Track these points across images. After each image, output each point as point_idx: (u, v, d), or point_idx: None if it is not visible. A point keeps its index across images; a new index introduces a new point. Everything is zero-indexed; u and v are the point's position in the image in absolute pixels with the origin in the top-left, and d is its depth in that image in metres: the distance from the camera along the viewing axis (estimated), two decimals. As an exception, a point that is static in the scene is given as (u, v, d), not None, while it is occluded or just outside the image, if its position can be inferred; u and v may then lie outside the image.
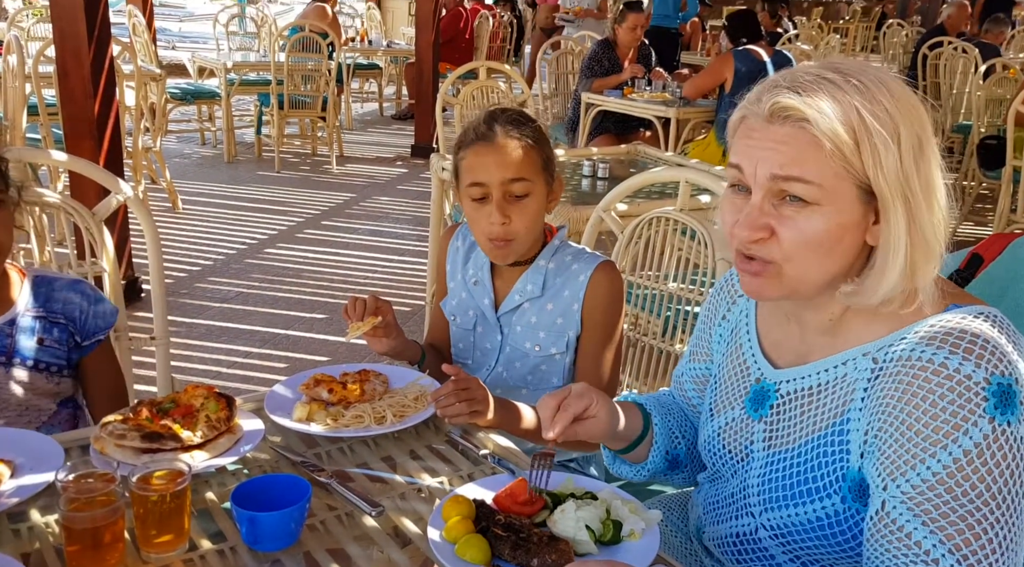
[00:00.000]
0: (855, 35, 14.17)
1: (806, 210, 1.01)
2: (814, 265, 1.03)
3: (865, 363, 1.07)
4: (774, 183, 1.01)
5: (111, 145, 3.85)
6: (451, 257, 1.83)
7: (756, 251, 1.04)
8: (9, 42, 4.61)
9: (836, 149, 0.98)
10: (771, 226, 1.02)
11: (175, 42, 13.46)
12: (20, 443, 1.30)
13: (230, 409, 1.37)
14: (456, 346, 1.82)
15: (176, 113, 7.30)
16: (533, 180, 1.61)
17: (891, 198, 0.99)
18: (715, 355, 1.33)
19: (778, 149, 1.00)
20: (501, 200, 1.59)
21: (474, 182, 1.61)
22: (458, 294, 1.80)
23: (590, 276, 1.67)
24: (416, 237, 5.20)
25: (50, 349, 1.61)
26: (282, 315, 4.05)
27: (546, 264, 1.70)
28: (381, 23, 10.74)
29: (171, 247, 4.82)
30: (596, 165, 3.41)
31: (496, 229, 1.60)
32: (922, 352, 0.99)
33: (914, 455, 0.97)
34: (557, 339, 1.69)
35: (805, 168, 0.99)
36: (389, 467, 1.36)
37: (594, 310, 1.68)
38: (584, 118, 5.50)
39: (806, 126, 0.98)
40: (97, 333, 1.66)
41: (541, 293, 1.69)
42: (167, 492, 1.09)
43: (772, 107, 1.01)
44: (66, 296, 1.63)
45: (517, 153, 1.60)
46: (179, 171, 6.40)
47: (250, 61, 7.18)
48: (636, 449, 1.33)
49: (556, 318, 1.69)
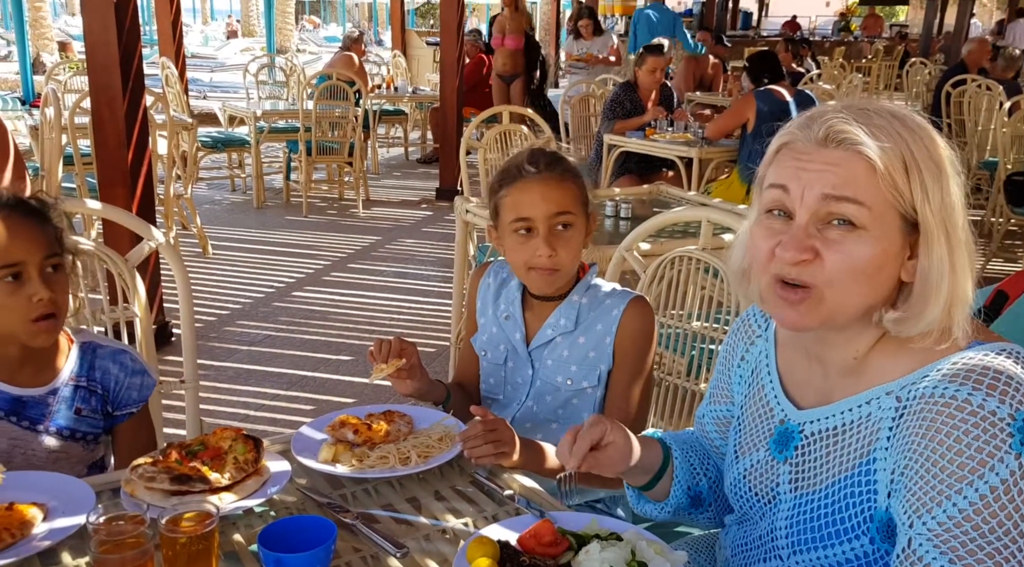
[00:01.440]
0: (878, 74, 14.20)
1: (853, 234, 1.02)
2: (854, 292, 1.03)
3: (889, 402, 1.06)
4: (824, 204, 1.02)
5: (144, 192, 3.94)
6: (482, 294, 1.87)
7: (798, 274, 1.04)
8: (47, 95, 4.77)
9: (888, 174, 1.00)
10: (816, 248, 1.03)
11: (206, 92, 13.81)
12: (53, 487, 1.33)
13: (257, 451, 1.38)
14: (487, 382, 1.84)
15: (207, 161, 7.47)
16: (576, 213, 1.67)
17: (936, 229, 1.01)
18: (736, 397, 1.32)
19: (831, 170, 1.02)
20: (548, 234, 1.64)
21: (520, 217, 1.66)
22: (488, 329, 1.83)
23: (623, 310, 1.70)
24: (441, 279, 5.24)
25: (87, 419, 1.61)
26: (309, 357, 4.09)
27: (579, 299, 1.73)
28: (407, 70, 10.95)
29: (201, 291, 4.90)
30: (619, 205, 3.43)
31: (544, 261, 1.64)
32: (945, 389, 0.99)
33: (940, 492, 0.96)
34: (589, 373, 1.71)
35: (858, 190, 1.01)
36: (414, 508, 1.37)
37: (626, 344, 1.70)
38: (607, 159, 5.55)
39: (861, 149, 1.00)
40: (129, 405, 1.66)
41: (574, 327, 1.72)
42: (195, 534, 1.11)
43: (827, 130, 1.03)
44: (107, 366, 1.63)
45: (561, 188, 1.66)
46: (209, 217, 6.52)
47: (279, 109, 7.35)
48: (658, 484, 1.33)
49: (588, 351, 1.71)
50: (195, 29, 28.87)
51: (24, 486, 1.30)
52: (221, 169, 7.90)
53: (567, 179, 1.67)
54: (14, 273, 1.46)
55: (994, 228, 5.70)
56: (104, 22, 3.66)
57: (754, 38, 16.44)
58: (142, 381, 1.66)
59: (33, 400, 1.57)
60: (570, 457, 1.18)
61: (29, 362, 1.56)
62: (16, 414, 1.55)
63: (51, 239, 1.53)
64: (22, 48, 9.73)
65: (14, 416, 1.55)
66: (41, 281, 1.48)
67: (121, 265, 1.97)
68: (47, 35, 15.56)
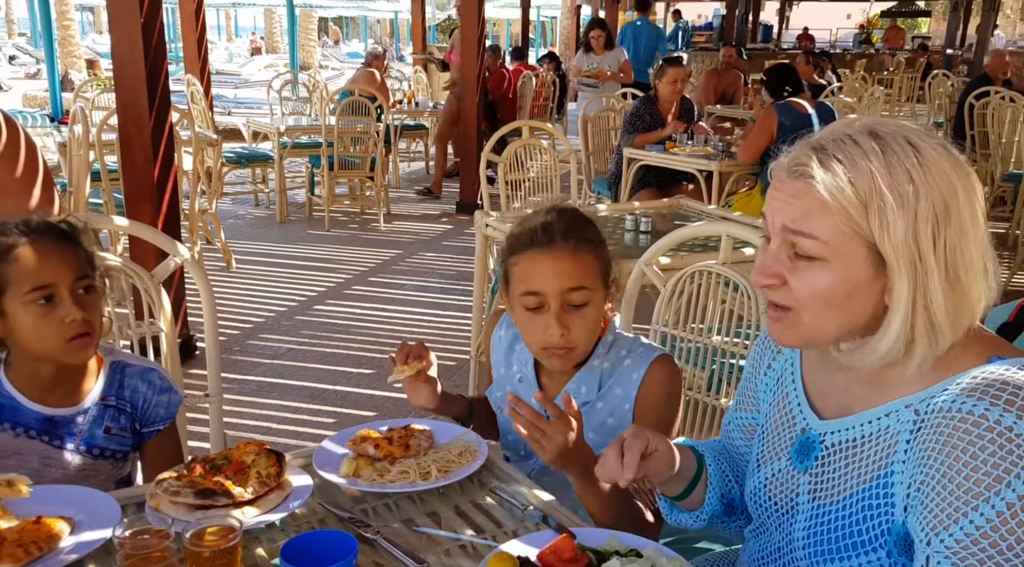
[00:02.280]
0: (900, 86, 14.11)
1: (815, 264, 1.04)
2: (825, 318, 1.06)
3: (907, 415, 1.06)
4: (786, 234, 1.05)
5: (169, 208, 4.00)
6: (495, 346, 1.78)
7: (772, 297, 1.08)
8: (75, 113, 4.86)
9: (842, 209, 1.00)
10: (783, 274, 1.06)
11: (230, 108, 13.99)
12: (79, 501, 1.35)
13: (280, 465, 1.40)
14: (506, 438, 1.77)
15: (231, 176, 7.55)
16: (592, 289, 1.53)
17: (896, 263, 1.00)
18: (761, 405, 1.33)
19: (790, 202, 1.05)
20: (559, 310, 1.51)
21: (529, 291, 1.52)
22: (503, 386, 1.73)
23: (644, 373, 1.59)
24: (461, 292, 5.25)
25: (116, 437, 1.64)
26: (331, 370, 4.11)
27: (601, 364, 1.62)
28: (427, 85, 11.05)
29: (225, 305, 4.95)
30: (639, 219, 3.43)
31: (555, 341, 1.52)
32: (962, 404, 0.98)
33: (956, 508, 0.95)
34: (608, 440, 1.61)
35: (812, 224, 1.02)
36: (434, 523, 1.37)
37: (647, 409, 1.59)
38: (626, 173, 5.55)
39: (813, 184, 1.02)
40: (156, 423, 1.68)
41: (596, 396, 1.62)
42: (219, 548, 1.12)
43: (791, 161, 1.05)
44: (135, 385, 1.66)
45: (576, 261, 1.52)
46: (233, 231, 6.59)
47: (302, 125, 7.43)
48: (692, 493, 1.33)
49: (606, 418, 1.62)
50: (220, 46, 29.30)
51: (51, 500, 1.32)
52: (245, 184, 7.99)
53: (583, 250, 1.52)
54: (47, 295, 1.50)
55: (1019, 241, 5.63)
56: (131, 40, 3.73)
57: (775, 51, 16.39)
58: (169, 398, 1.69)
59: (64, 420, 1.59)
60: (624, 471, 1.17)
61: (61, 383, 1.59)
62: (48, 433, 1.58)
63: (82, 261, 1.56)
64: (51, 66, 9.91)
65: (46, 435, 1.58)
66: (73, 302, 1.51)
67: (147, 280, 2.00)
68: (75, 53, 15.86)
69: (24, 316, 1.49)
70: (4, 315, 1.50)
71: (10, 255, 1.49)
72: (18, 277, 1.49)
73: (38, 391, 1.58)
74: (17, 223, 1.53)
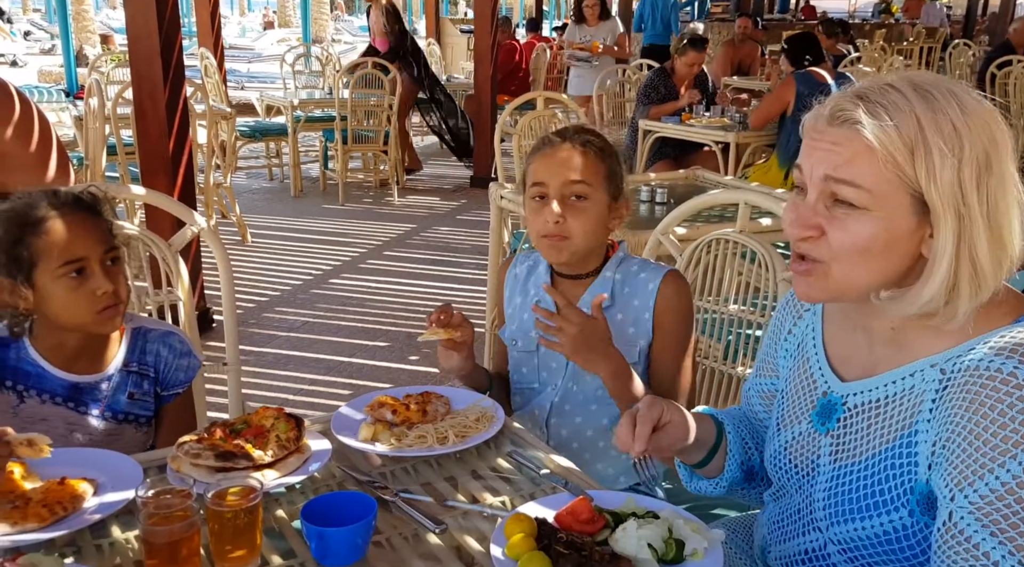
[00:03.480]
0: (920, 56, 13.88)
1: (855, 213, 1.02)
2: (860, 269, 1.04)
3: (933, 374, 1.05)
4: (827, 185, 1.03)
5: (184, 181, 4.01)
6: (509, 285, 1.86)
7: (806, 249, 1.06)
8: (90, 86, 4.87)
9: (888, 155, 0.99)
10: (821, 226, 1.04)
11: (244, 82, 13.96)
12: (102, 463, 1.37)
13: (299, 429, 1.41)
14: (519, 372, 1.82)
15: (245, 150, 7.56)
16: (593, 186, 1.64)
17: (942, 211, 0.99)
18: (781, 370, 1.33)
19: (833, 150, 1.02)
20: (559, 200, 1.63)
21: (535, 182, 1.66)
22: (518, 318, 1.81)
23: (659, 284, 1.69)
24: (475, 266, 5.25)
25: (140, 402, 1.66)
26: (346, 343, 4.14)
27: (612, 275, 1.72)
28: (441, 58, 10.97)
29: (240, 279, 4.97)
30: (654, 190, 3.41)
31: (551, 227, 1.63)
32: (991, 362, 0.98)
33: (982, 465, 0.95)
34: (629, 349, 1.68)
35: (856, 172, 1.01)
36: (451, 487, 1.38)
37: (666, 317, 1.69)
38: (642, 145, 5.52)
39: (861, 130, 1.00)
40: (176, 386, 1.70)
41: (611, 303, 1.70)
42: (240, 508, 1.13)
43: (832, 109, 1.03)
44: (156, 349, 1.67)
45: (580, 158, 1.64)
46: (248, 206, 6.61)
47: (315, 98, 7.41)
48: (712, 460, 1.33)
49: (627, 328, 1.70)
50: (232, 20, 29.16)
51: (74, 462, 1.34)
52: (259, 158, 8.00)
53: (590, 151, 1.65)
54: (78, 269, 1.51)
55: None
56: (146, 14, 3.73)
57: (792, 21, 16.15)
58: (189, 362, 1.71)
59: (89, 386, 1.61)
60: (633, 442, 1.17)
61: (85, 351, 1.61)
62: (73, 400, 1.60)
63: (107, 232, 1.57)
64: (66, 41, 9.92)
65: (71, 402, 1.60)
66: (104, 274, 1.52)
67: (165, 249, 2.01)
68: (89, 28, 15.87)
69: (56, 290, 1.50)
70: (35, 288, 1.51)
71: (40, 228, 1.49)
72: (49, 251, 1.49)
73: (63, 359, 1.60)
74: (45, 196, 1.53)
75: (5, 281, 1.51)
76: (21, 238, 1.49)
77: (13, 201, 1.53)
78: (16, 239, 1.49)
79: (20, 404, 1.57)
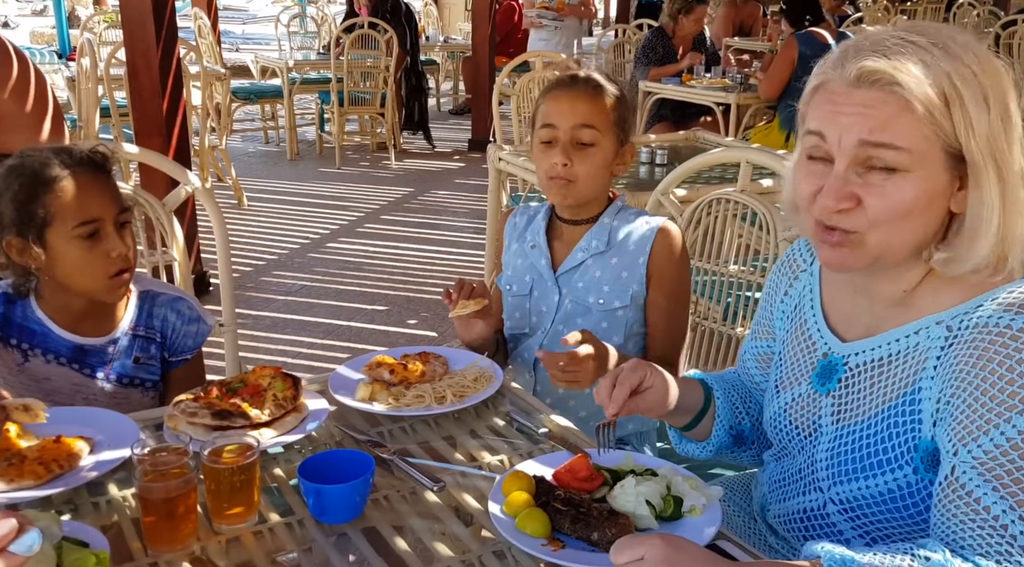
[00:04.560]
0: (924, 16, 13.70)
1: (894, 177, 0.98)
2: (900, 234, 1.01)
3: (939, 331, 1.04)
4: (861, 150, 0.99)
5: (179, 143, 3.97)
6: (508, 234, 1.88)
7: (839, 221, 1.02)
8: (82, 45, 4.80)
9: (927, 112, 0.96)
10: (856, 195, 1.00)
11: (238, 44, 13.77)
12: (98, 422, 1.36)
13: (296, 389, 1.40)
14: (512, 317, 1.84)
15: (240, 113, 7.48)
16: (601, 131, 1.65)
17: (983, 161, 0.97)
18: (778, 332, 1.31)
19: (867, 113, 0.98)
20: (567, 144, 1.64)
21: (545, 124, 1.66)
22: (513, 263, 1.83)
23: (656, 231, 1.70)
24: (473, 230, 5.23)
25: (145, 366, 1.65)
26: (344, 307, 4.13)
27: (611, 221, 1.73)
28: (438, 19, 10.81)
29: (237, 242, 4.94)
30: (654, 152, 3.38)
31: (558, 169, 1.64)
32: (1000, 318, 0.97)
33: (988, 420, 0.94)
34: (621, 293, 1.70)
35: (896, 133, 0.97)
36: (450, 446, 1.38)
37: (661, 264, 1.70)
38: (642, 106, 5.46)
39: (897, 90, 0.96)
40: (184, 352, 1.69)
41: (606, 248, 1.71)
42: (237, 465, 1.13)
43: (859, 71, 0.98)
44: (164, 314, 1.66)
45: (591, 102, 1.65)
46: (244, 169, 6.55)
47: (311, 60, 7.30)
48: (700, 424, 1.33)
49: (621, 272, 1.71)
50: (226, -19, 28.68)
51: (70, 420, 1.33)
52: (254, 121, 7.92)
53: (600, 95, 1.65)
54: (92, 231, 1.48)
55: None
56: (137, -30, 3.66)
57: (794, -18, 15.90)
58: (198, 328, 1.69)
59: (94, 349, 1.60)
60: (611, 403, 1.17)
61: (92, 314, 1.59)
62: (78, 362, 1.59)
63: (118, 193, 1.54)
64: (57, 2, 9.77)
65: (76, 363, 1.59)
66: (117, 236, 1.50)
67: (159, 209, 1.99)
68: (81, -11, 15.60)
69: (70, 250, 1.47)
70: (47, 248, 1.47)
71: (54, 187, 1.46)
72: (63, 211, 1.46)
73: (69, 320, 1.58)
74: (56, 154, 1.50)
75: (16, 240, 1.48)
76: (35, 196, 1.45)
77: (23, 158, 1.49)
78: (29, 197, 1.45)
79: (24, 362, 1.56)
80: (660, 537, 0.92)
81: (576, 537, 1.08)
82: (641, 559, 0.89)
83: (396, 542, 1.12)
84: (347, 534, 1.14)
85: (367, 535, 1.14)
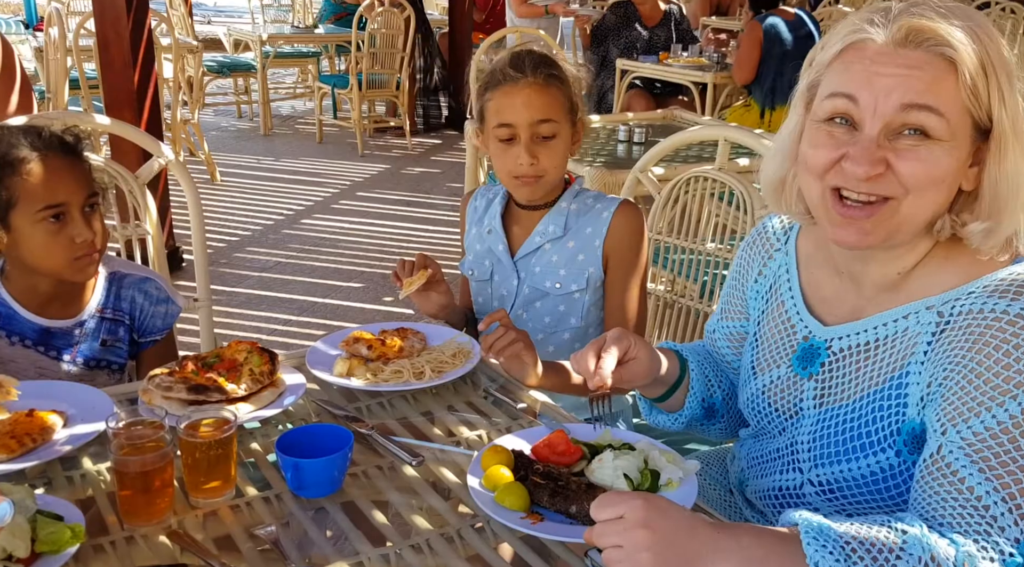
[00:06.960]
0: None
1: (926, 144, 0.95)
2: (928, 204, 0.98)
3: (929, 317, 1.03)
4: (901, 114, 0.95)
5: (151, 116, 3.90)
6: (469, 218, 1.86)
7: (870, 188, 0.97)
8: (50, 14, 4.69)
9: (971, 79, 0.93)
10: (887, 160, 0.96)
11: (211, 16, 13.52)
12: (71, 396, 1.35)
13: (273, 363, 1.39)
14: (476, 302, 1.85)
15: (212, 86, 7.36)
16: (560, 121, 1.64)
17: (1012, 135, 0.96)
18: (752, 313, 1.30)
19: (911, 75, 0.94)
20: (529, 141, 1.62)
21: (502, 123, 1.63)
22: (473, 247, 1.82)
23: (612, 213, 1.69)
24: (450, 207, 5.21)
25: (113, 348, 1.63)
26: (319, 284, 4.10)
27: (568, 206, 1.72)
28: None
29: (210, 218, 4.88)
30: (632, 130, 3.37)
31: (525, 169, 1.62)
32: (995, 304, 0.96)
33: (980, 403, 0.94)
34: (578, 276, 1.70)
35: (937, 97, 0.94)
36: (428, 421, 1.38)
37: (617, 247, 1.70)
38: (619, 85, 5.44)
39: (947, 51, 0.93)
40: (153, 333, 1.67)
41: (563, 233, 1.71)
42: (215, 438, 1.12)
43: (907, 29, 0.94)
44: (132, 295, 1.64)
45: (545, 94, 1.62)
46: (217, 144, 6.46)
47: (284, 33, 7.18)
48: (673, 396, 1.33)
49: (577, 255, 1.71)
50: (197, -47, 28.11)
51: (43, 394, 1.32)
52: (227, 95, 7.80)
53: (552, 84, 1.63)
54: (56, 214, 1.46)
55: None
56: (105, -62, 3.57)
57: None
58: (167, 309, 1.67)
59: (61, 331, 1.58)
60: (597, 373, 1.14)
61: (59, 296, 1.57)
62: (44, 344, 1.57)
63: (89, 178, 1.52)
64: (22, -30, 9.51)
65: (41, 346, 1.57)
66: (83, 221, 1.48)
67: (131, 181, 1.95)
68: (47, -43, 15.21)
69: (34, 233, 1.46)
70: (11, 230, 1.46)
71: (21, 169, 1.44)
72: (29, 194, 1.44)
73: (35, 303, 1.56)
74: (26, 134, 1.47)
75: None
76: (0, 177, 1.44)
77: None
78: None
79: None
80: (641, 497, 0.91)
81: (555, 510, 1.09)
82: (620, 518, 0.88)
83: (374, 516, 1.12)
84: (325, 508, 1.14)
85: (345, 509, 1.14)
